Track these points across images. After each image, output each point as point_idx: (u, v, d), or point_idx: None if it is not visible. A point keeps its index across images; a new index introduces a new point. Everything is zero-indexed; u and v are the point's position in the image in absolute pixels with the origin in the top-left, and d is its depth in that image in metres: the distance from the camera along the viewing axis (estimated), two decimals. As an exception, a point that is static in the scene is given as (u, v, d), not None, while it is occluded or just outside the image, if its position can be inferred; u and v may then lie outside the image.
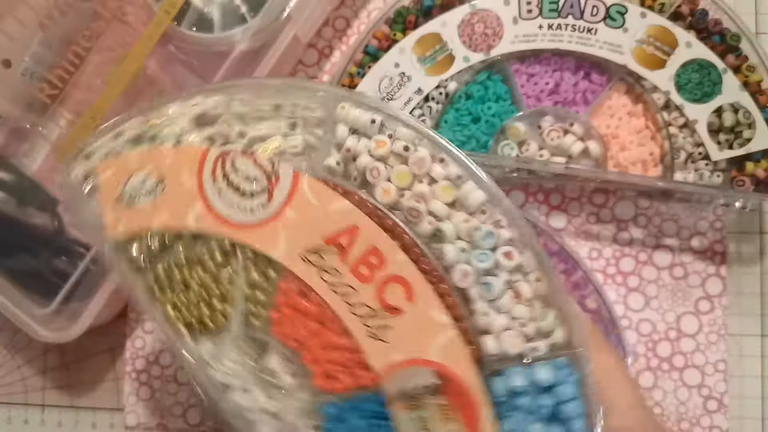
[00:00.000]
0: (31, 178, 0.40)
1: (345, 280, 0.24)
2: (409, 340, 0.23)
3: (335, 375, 0.24)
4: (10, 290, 0.39)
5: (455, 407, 0.23)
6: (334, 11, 0.44)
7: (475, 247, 0.23)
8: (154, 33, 0.37)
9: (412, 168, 0.24)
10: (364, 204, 0.24)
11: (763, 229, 0.42)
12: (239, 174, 0.25)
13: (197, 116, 0.26)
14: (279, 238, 0.25)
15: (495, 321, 0.23)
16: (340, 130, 0.25)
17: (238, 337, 0.26)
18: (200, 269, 0.26)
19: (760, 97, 0.37)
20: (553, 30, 0.38)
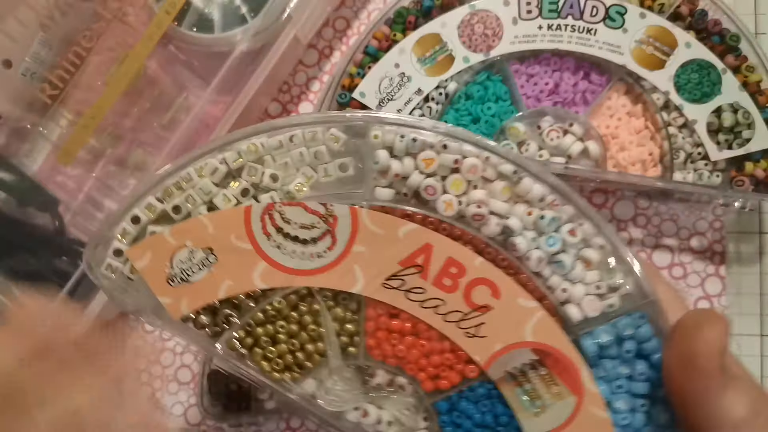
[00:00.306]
0: (31, 178, 0.40)
1: (431, 295, 0.25)
2: (503, 330, 0.25)
3: (441, 375, 0.26)
4: (11, 290, 0.39)
5: (556, 374, 0.25)
6: (334, 12, 0.44)
7: (542, 233, 0.25)
8: (154, 33, 0.37)
9: (466, 176, 0.25)
10: (429, 221, 0.25)
11: (763, 229, 0.42)
12: (293, 225, 0.25)
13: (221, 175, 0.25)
14: (354, 274, 0.25)
15: (573, 292, 0.25)
16: (382, 157, 0.25)
17: (339, 369, 0.27)
18: (283, 321, 0.26)
19: (760, 97, 0.37)
20: (552, 30, 0.38)
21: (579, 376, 0.25)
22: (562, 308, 0.26)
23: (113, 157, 0.41)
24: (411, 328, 0.26)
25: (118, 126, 0.40)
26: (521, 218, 0.25)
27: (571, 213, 0.25)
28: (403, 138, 0.25)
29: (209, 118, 0.39)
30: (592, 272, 0.25)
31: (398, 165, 0.25)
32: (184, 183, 0.25)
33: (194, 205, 0.25)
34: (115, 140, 0.40)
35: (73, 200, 0.41)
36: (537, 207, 0.25)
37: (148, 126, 0.40)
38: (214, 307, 0.26)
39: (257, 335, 0.27)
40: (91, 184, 0.41)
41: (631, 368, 0.26)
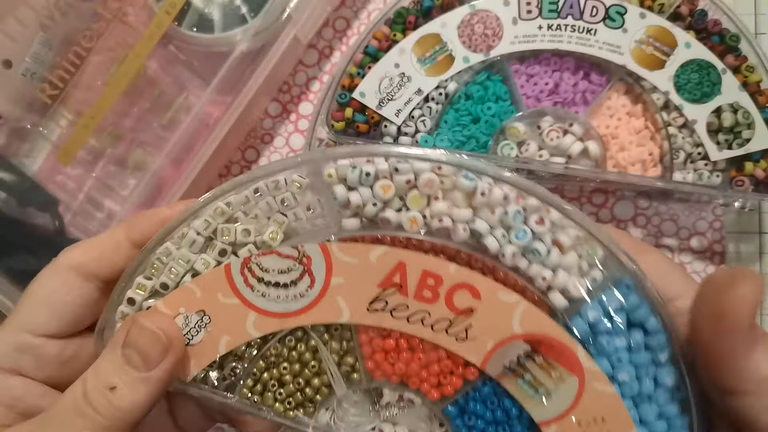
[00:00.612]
0: (31, 178, 0.40)
1: (415, 309, 0.26)
2: (491, 328, 0.26)
3: (443, 383, 0.27)
4: (11, 290, 0.39)
5: (552, 359, 0.26)
6: (334, 12, 0.44)
7: (510, 228, 0.26)
8: (154, 33, 0.37)
9: (423, 191, 0.26)
10: (397, 240, 0.26)
11: (762, 229, 0.42)
12: (271, 272, 0.26)
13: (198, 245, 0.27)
14: (339, 306, 0.27)
15: (554, 277, 0.26)
16: (339, 192, 0.26)
17: (348, 396, 0.28)
18: (285, 363, 0.28)
19: (760, 97, 0.37)
20: (552, 30, 0.38)
21: (575, 356, 0.26)
22: (546, 296, 0.26)
23: (113, 157, 0.41)
24: (405, 345, 0.27)
25: (118, 126, 0.40)
26: (486, 219, 0.26)
27: (535, 204, 0.26)
28: (355, 169, 0.26)
29: (209, 118, 0.39)
30: (569, 254, 0.26)
31: (356, 197, 0.26)
32: (164, 257, 0.27)
33: (177, 275, 0.27)
34: (115, 140, 0.40)
35: (73, 200, 0.41)
36: (500, 207, 0.26)
37: (148, 126, 0.40)
38: (219, 363, 0.28)
39: (264, 381, 0.28)
40: (91, 184, 0.41)
41: (627, 339, 0.26)
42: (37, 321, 0.26)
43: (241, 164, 0.44)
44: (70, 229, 0.41)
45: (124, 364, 0.24)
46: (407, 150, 0.26)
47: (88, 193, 0.41)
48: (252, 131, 0.44)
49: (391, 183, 0.26)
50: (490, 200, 0.25)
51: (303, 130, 0.44)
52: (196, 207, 0.27)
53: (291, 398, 0.28)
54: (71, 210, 0.41)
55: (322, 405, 0.28)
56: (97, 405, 0.23)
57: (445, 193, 0.26)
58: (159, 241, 0.27)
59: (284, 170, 0.26)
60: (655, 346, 0.26)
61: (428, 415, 0.28)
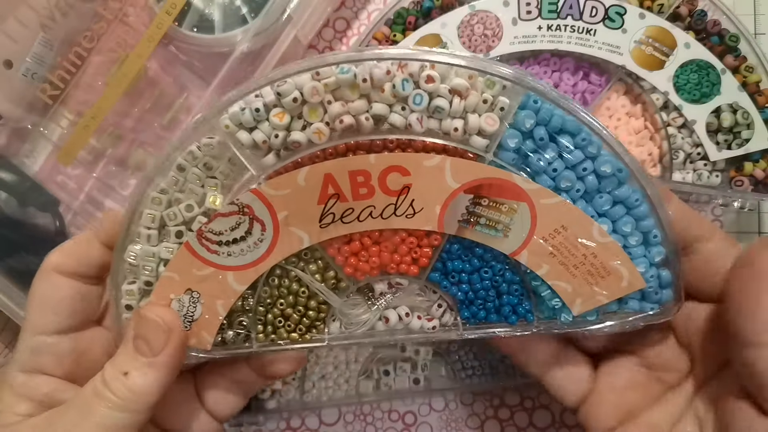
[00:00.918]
0: (32, 178, 0.40)
1: (360, 209, 0.28)
2: (431, 194, 0.28)
3: (416, 257, 0.30)
4: (12, 290, 0.39)
5: (496, 196, 0.28)
6: (335, 12, 0.44)
7: (406, 98, 0.27)
8: (155, 34, 0.37)
9: (312, 101, 0.26)
10: (314, 156, 0.27)
11: (762, 229, 0.42)
12: (225, 233, 0.28)
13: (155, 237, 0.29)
14: (296, 234, 0.28)
15: (464, 124, 0.27)
16: (243, 138, 0.27)
17: (345, 303, 0.30)
18: (279, 300, 0.30)
19: (759, 97, 0.37)
20: (552, 31, 0.38)
21: (515, 185, 0.27)
22: (467, 143, 0.27)
23: (114, 157, 0.41)
24: (368, 241, 0.29)
25: (119, 126, 0.40)
26: (381, 100, 0.26)
27: (416, 66, 0.26)
28: (245, 110, 0.27)
29: (210, 118, 0.39)
30: (470, 96, 0.27)
31: (259, 135, 0.27)
32: (133, 260, 0.29)
33: (152, 270, 0.29)
34: (116, 140, 0.40)
35: (73, 200, 0.41)
36: (387, 83, 0.26)
37: (149, 126, 0.40)
38: (228, 324, 0.30)
39: (270, 321, 0.30)
40: (92, 184, 0.41)
41: (554, 149, 0.27)
42: (41, 322, 0.29)
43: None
44: (71, 229, 0.41)
45: (135, 352, 0.27)
46: (281, 69, 0.27)
47: (89, 193, 0.41)
48: (252, 131, 0.44)
49: (282, 109, 0.26)
50: (375, 82, 0.26)
51: (303, 130, 0.44)
52: (133, 206, 0.28)
53: (300, 325, 0.30)
54: (72, 210, 0.41)
55: (329, 319, 0.31)
56: (113, 388, 0.26)
57: (334, 94, 0.27)
58: (122, 246, 0.29)
59: (190, 139, 0.28)
60: (582, 143, 0.27)
61: (419, 288, 0.31)
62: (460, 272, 0.30)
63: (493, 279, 0.30)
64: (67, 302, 0.29)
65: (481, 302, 0.30)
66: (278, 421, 0.43)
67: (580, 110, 0.27)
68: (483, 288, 0.30)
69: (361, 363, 0.41)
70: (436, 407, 0.43)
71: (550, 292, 0.29)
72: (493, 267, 0.30)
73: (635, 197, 0.28)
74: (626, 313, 0.30)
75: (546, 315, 0.30)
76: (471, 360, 0.42)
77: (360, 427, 0.43)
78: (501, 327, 0.30)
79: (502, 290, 0.30)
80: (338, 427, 0.43)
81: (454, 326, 0.31)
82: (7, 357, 0.45)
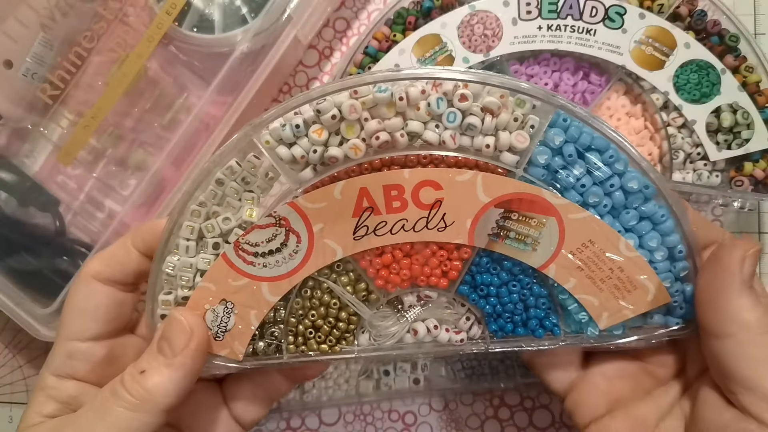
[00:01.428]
0: (32, 178, 0.40)
1: (393, 222, 0.29)
2: (462, 208, 0.29)
3: (446, 270, 0.30)
4: (12, 290, 0.39)
5: (525, 211, 0.28)
6: (334, 12, 0.44)
7: (440, 116, 0.28)
8: (155, 34, 0.37)
9: (351, 119, 0.27)
10: (350, 170, 0.28)
11: (762, 228, 0.42)
12: (261, 244, 0.29)
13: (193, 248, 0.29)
14: (330, 247, 0.29)
15: (496, 141, 0.28)
16: (283, 153, 0.28)
17: (374, 315, 0.31)
18: (311, 311, 0.31)
19: (759, 97, 0.37)
20: (552, 31, 0.38)
21: (544, 200, 0.28)
22: (498, 159, 0.28)
23: (114, 158, 0.41)
24: (400, 254, 0.30)
25: (119, 126, 0.40)
26: (416, 118, 0.28)
27: (450, 86, 0.27)
28: (285, 126, 0.28)
29: (210, 118, 0.39)
30: (501, 115, 0.28)
31: (298, 150, 0.28)
32: (171, 270, 0.29)
33: (189, 281, 0.29)
34: (116, 140, 0.40)
35: (73, 200, 0.41)
36: (422, 101, 0.27)
37: (149, 126, 0.40)
38: (259, 334, 0.30)
39: (301, 332, 0.31)
40: (92, 184, 0.41)
41: (582, 166, 0.28)
42: (77, 329, 0.29)
43: (242, 164, 0.44)
44: (71, 229, 0.41)
45: (157, 352, 0.28)
46: (320, 87, 0.28)
47: (89, 193, 0.41)
48: (252, 131, 0.44)
49: (320, 125, 0.27)
50: (411, 100, 0.27)
51: (303, 130, 0.44)
52: (175, 215, 0.29)
53: (330, 336, 0.31)
54: (72, 210, 0.41)
55: (358, 331, 0.31)
56: (129, 387, 0.26)
57: (371, 112, 0.28)
58: (160, 257, 0.29)
59: (230, 155, 0.29)
60: (610, 160, 0.28)
61: (448, 301, 0.31)
62: (489, 285, 0.30)
63: (521, 292, 0.30)
64: (103, 309, 0.29)
65: (509, 315, 0.31)
66: (278, 420, 0.43)
67: (608, 128, 0.28)
68: (511, 301, 0.30)
69: (361, 363, 0.41)
70: (436, 407, 0.43)
71: (577, 306, 0.30)
72: (521, 281, 0.30)
73: (661, 213, 0.29)
74: (651, 327, 0.30)
75: (573, 329, 0.31)
76: (471, 360, 0.42)
77: (360, 427, 0.43)
78: (528, 341, 0.31)
79: (530, 303, 0.30)
80: (338, 427, 0.43)
81: (482, 339, 0.31)
82: (7, 357, 0.45)
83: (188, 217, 0.29)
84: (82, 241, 0.41)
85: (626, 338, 0.30)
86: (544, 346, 0.30)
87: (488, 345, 0.31)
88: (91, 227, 0.41)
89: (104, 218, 0.41)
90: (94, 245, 0.38)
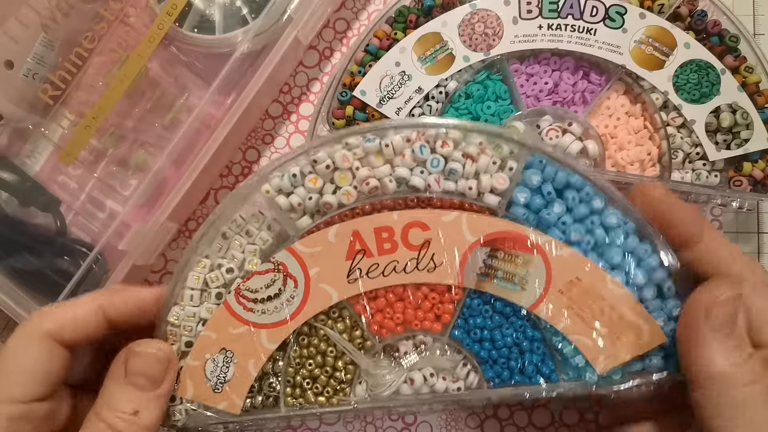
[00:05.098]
0: (33, 178, 0.40)
1: (384, 264, 0.30)
2: (450, 247, 0.30)
3: (438, 313, 0.31)
4: (13, 289, 0.39)
5: (510, 249, 0.29)
6: (335, 13, 0.44)
7: (424, 162, 0.30)
8: (156, 34, 0.37)
9: (343, 167, 0.30)
10: (344, 215, 0.30)
11: (761, 228, 0.42)
12: (260, 291, 0.30)
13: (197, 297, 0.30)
14: (325, 291, 0.30)
15: (478, 184, 0.30)
16: (281, 202, 0.30)
17: (371, 364, 0.31)
18: (308, 360, 0.31)
19: (758, 97, 0.37)
20: (552, 30, 0.38)
21: (528, 238, 0.29)
22: (481, 200, 0.30)
23: (115, 158, 0.41)
24: (393, 297, 0.31)
25: (120, 126, 0.40)
26: (402, 165, 0.30)
27: (433, 132, 0.30)
28: (283, 176, 0.30)
29: (210, 118, 0.39)
30: (481, 159, 0.29)
31: (295, 198, 0.30)
32: (175, 320, 0.30)
33: (192, 330, 0.30)
34: (117, 141, 0.40)
35: (74, 200, 0.41)
36: (408, 149, 0.30)
37: (150, 126, 0.40)
38: (258, 387, 0.31)
39: (299, 383, 0.31)
40: (93, 184, 0.41)
41: (562, 203, 0.29)
42: (19, 390, 0.27)
43: (242, 164, 0.44)
44: (72, 229, 0.41)
45: (135, 390, 0.27)
46: (315, 140, 0.30)
47: (90, 193, 0.41)
48: (253, 132, 0.44)
49: (315, 175, 0.30)
50: (396, 148, 0.29)
51: (303, 130, 0.44)
52: (182, 266, 0.30)
53: (327, 387, 0.31)
54: (73, 210, 0.41)
55: (354, 381, 0.31)
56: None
57: (362, 161, 0.30)
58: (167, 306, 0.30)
59: (234, 207, 0.30)
60: (588, 198, 0.29)
61: (442, 348, 0.31)
62: (482, 329, 0.30)
63: (515, 336, 0.30)
64: (51, 371, 0.27)
65: (504, 361, 0.31)
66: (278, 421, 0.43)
67: (585, 170, 0.30)
68: (506, 345, 0.30)
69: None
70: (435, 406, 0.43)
71: (572, 349, 0.29)
72: (513, 323, 0.30)
73: (644, 248, 0.29)
74: (651, 372, 0.29)
75: (571, 376, 0.30)
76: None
77: (360, 427, 0.43)
78: (526, 388, 0.30)
79: (525, 348, 0.30)
80: (338, 426, 0.43)
81: (479, 387, 0.31)
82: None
83: (196, 268, 0.30)
84: (83, 241, 0.41)
85: (626, 383, 0.29)
86: (542, 394, 0.30)
87: (486, 394, 0.31)
88: (92, 227, 0.41)
89: (105, 218, 0.41)
90: (95, 245, 0.38)
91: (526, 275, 0.29)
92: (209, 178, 0.43)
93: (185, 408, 0.30)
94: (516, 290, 0.29)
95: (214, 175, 0.44)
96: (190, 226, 0.44)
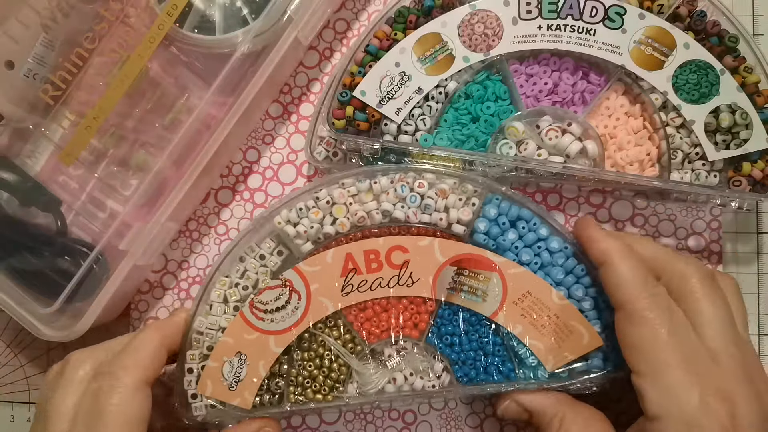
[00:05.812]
0: (34, 178, 0.40)
1: (371, 280, 0.37)
2: (424, 267, 0.37)
3: (416, 321, 0.37)
4: (14, 289, 0.39)
5: (473, 268, 0.37)
6: (335, 14, 0.44)
7: (405, 198, 0.37)
8: (156, 35, 0.38)
9: (340, 203, 0.37)
10: (340, 240, 0.37)
11: (760, 229, 0.42)
12: (270, 302, 0.36)
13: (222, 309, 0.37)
14: (323, 303, 0.37)
15: (447, 215, 0.37)
16: (290, 231, 0.37)
17: (361, 366, 0.37)
18: (308, 362, 0.37)
19: (758, 98, 0.37)
20: (552, 30, 0.38)
21: (487, 259, 0.36)
22: (450, 229, 0.37)
23: (115, 158, 0.41)
24: (379, 308, 0.37)
25: (120, 127, 0.40)
26: (387, 200, 0.37)
27: (413, 175, 0.37)
28: (291, 210, 0.37)
29: (210, 119, 0.39)
30: (450, 197, 0.37)
31: (301, 227, 0.37)
32: (200, 328, 0.36)
33: (213, 336, 0.36)
34: (118, 141, 0.40)
35: (75, 200, 0.41)
36: (391, 188, 0.37)
37: (150, 127, 0.40)
38: (267, 386, 0.37)
39: (300, 382, 0.37)
40: (94, 184, 0.41)
41: (515, 231, 0.37)
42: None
43: (242, 165, 0.44)
44: (72, 229, 0.41)
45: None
46: (317, 181, 0.38)
47: (91, 193, 0.41)
48: (253, 132, 0.44)
49: (317, 208, 0.37)
50: (382, 187, 0.37)
51: (304, 130, 0.44)
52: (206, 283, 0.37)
53: (324, 386, 0.37)
54: (73, 210, 0.41)
55: (347, 381, 0.37)
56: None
57: (355, 197, 0.37)
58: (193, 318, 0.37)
59: (253, 236, 0.37)
60: (535, 227, 0.37)
61: (420, 351, 0.38)
62: (452, 335, 0.37)
63: (480, 341, 0.37)
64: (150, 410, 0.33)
65: (471, 362, 0.37)
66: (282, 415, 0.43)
67: (533, 205, 0.37)
68: (472, 349, 0.37)
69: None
70: (435, 406, 0.43)
71: (526, 351, 0.36)
72: (478, 330, 0.37)
73: (580, 268, 0.36)
74: (593, 371, 0.36)
75: (527, 374, 0.36)
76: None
77: (360, 426, 0.43)
78: (491, 385, 0.36)
79: (488, 351, 0.37)
80: (338, 425, 0.43)
81: (451, 385, 0.37)
82: (8, 357, 0.45)
83: (219, 286, 0.37)
84: (84, 241, 0.41)
85: (572, 380, 0.36)
86: (503, 389, 0.36)
87: (457, 390, 0.37)
88: (93, 227, 0.41)
89: (105, 218, 0.41)
90: (96, 245, 0.38)
91: (486, 289, 0.36)
92: (209, 178, 0.43)
93: (205, 404, 0.36)
94: (479, 302, 0.36)
95: (214, 175, 0.44)
96: (190, 226, 0.44)
